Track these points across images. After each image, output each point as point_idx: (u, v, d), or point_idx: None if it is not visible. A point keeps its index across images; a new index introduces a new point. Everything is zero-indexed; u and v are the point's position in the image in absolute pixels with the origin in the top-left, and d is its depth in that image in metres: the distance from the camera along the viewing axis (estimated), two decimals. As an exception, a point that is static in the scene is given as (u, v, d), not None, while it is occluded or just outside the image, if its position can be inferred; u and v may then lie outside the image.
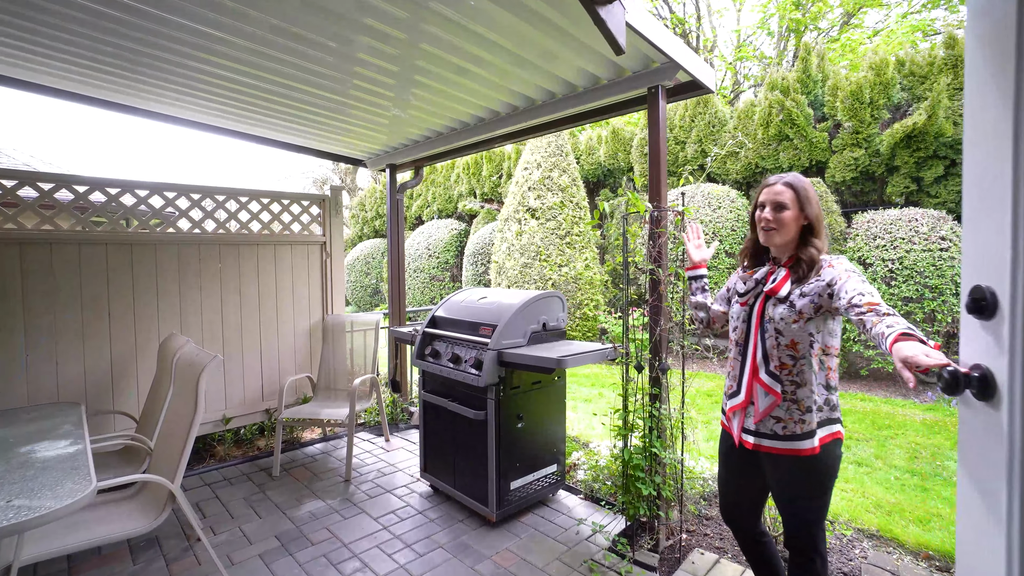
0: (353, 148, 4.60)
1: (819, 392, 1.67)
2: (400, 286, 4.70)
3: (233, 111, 3.66)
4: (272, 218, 4.36)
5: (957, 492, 1.06)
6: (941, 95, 6.14)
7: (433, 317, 3.38)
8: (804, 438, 1.67)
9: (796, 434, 1.67)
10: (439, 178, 14.43)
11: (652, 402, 2.60)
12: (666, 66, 2.52)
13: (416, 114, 3.60)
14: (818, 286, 1.63)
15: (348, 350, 4.40)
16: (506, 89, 3.07)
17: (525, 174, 8.73)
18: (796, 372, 1.67)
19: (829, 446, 1.67)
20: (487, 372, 2.74)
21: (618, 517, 2.94)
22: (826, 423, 1.68)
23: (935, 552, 2.71)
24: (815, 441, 1.65)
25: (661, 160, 2.56)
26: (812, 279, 1.65)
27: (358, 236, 17.51)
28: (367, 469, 3.71)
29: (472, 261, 10.77)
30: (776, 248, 1.76)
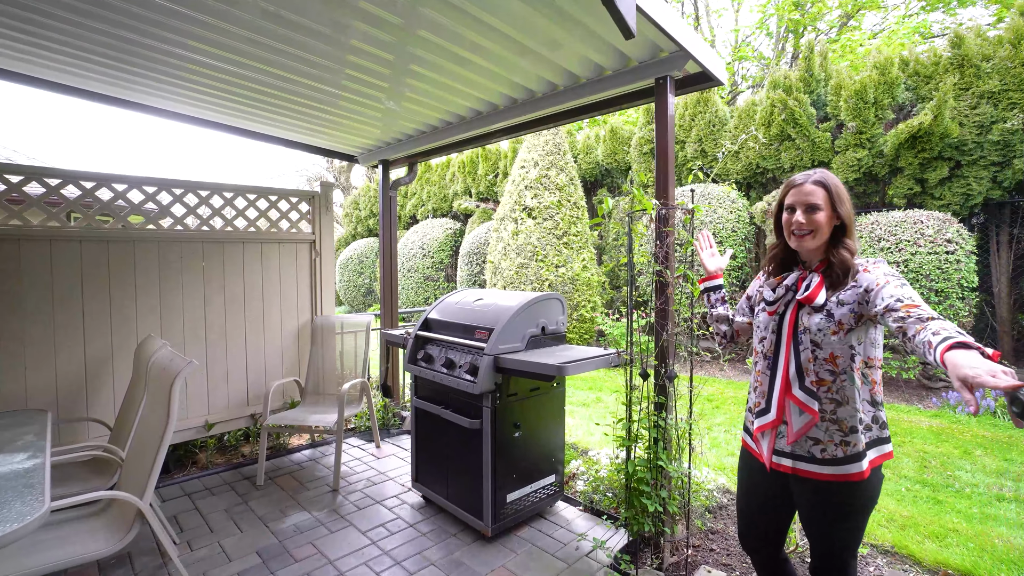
0: (345, 143, 4.43)
1: (864, 409, 1.52)
2: (392, 286, 4.54)
3: (222, 103, 3.49)
4: (259, 215, 4.19)
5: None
6: (947, 95, 6.04)
7: (426, 319, 3.21)
8: (849, 461, 1.50)
9: (838, 458, 1.51)
10: (434, 176, 14.25)
11: (658, 411, 2.45)
12: (675, 55, 2.37)
13: (411, 107, 3.44)
14: (855, 293, 1.48)
15: (338, 353, 4.23)
16: (506, 80, 2.91)
17: (522, 172, 8.58)
18: (836, 389, 1.51)
19: (877, 469, 1.52)
20: (483, 379, 2.58)
21: (620, 531, 2.79)
22: (876, 443, 1.53)
23: (955, 571, 2.58)
24: (863, 464, 1.49)
25: (669, 156, 2.41)
26: (849, 285, 1.50)
27: (351, 235, 17.29)
28: (356, 478, 3.55)
29: (467, 261, 10.61)
30: (808, 252, 1.60)
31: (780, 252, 1.69)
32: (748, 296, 1.87)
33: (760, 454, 1.68)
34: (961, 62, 6.31)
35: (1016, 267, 6.47)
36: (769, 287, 1.69)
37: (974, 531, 2.95)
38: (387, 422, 4.50)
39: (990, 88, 6.15)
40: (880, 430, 1.54)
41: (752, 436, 1.73)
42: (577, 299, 8.01)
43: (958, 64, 6.33)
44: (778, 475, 1.64)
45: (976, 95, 6.21)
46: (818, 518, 1.57)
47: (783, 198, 1.63)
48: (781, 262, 1.69)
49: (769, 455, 1.63)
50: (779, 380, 1.59)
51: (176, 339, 3.68)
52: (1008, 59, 6.14)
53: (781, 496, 1.69)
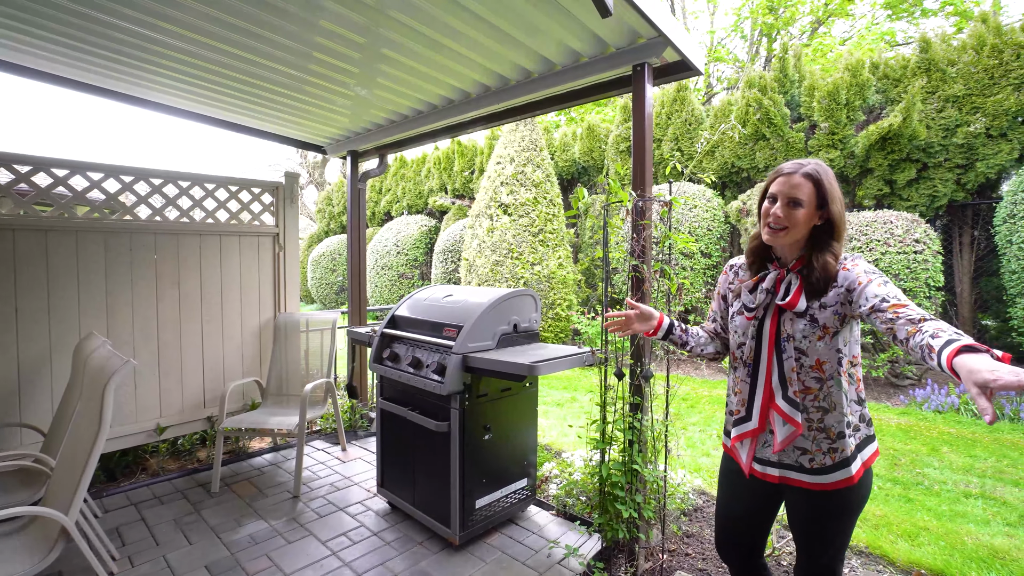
0: (313, 132, 4.22)
1: (852, 411, 1.45)
2: (360, 282, 4.35)
3: (180, 86, 3.26)
4: (218, 206, 3.95)
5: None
6: (916, 97, 6.15)
7: (394, 316, 3.06)
8: (838, 468, 1.42)
9: (827, 466, 1.43)
10: (409, 173, 14.00)
11: (633, 412, 2.36)
12: (653, 42, 2.27)
13: (382, 94, 3.27)
14: (837, 293, 1.39)
15: (302, 352, 4.04)
16: (480, 67, 2.78)
17: (498, 168, 8.44)
18: (823, 396, 1.43)
19: (868, 470, 1.47)
20: (451, 378, 2.45)
21: (593, 537, 2.70)
22: (865, 443, 1.47)
23: (927, 571, 2.56)
24: (853, 469, 1.42)
25: (646, 147, 2.31)
26: (831, 293, 1.40)
27: (324, 231, 16.88)
28: (319, 483, 3.37)
29: (442, 258, 10.43)
30: (782, 249, 1.49)
31: (758, 244, 1.55)
32: (722, 296, 1.73)
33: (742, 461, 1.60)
34: (928, 66, 6.45)
35: (977, 268, 6.66)
36: (746, 289, 1.56)
37: (944, 529, 2.96)
38: (354, 424, 4.32)
39: (955, 92, 6.30)
40: (867, 428, 1.49)
41: (732, 442, 1.63)
42: (553, 297, 7.93)
43: (925, 68, 6.47)
44: (760, 483, 1.57)
45: (942, 99, 6.36)
46: (810, 526, 1.50)
47: (768, 185, 1.49)
48: (758, 253, 1.56)
49: (749, 462, 1.55)
50: (761, 389, 1.50)
51: (124, 338, 3.43)
52: (971, 64, 6.30)
53: (764, 502, 1.61)
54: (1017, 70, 6.05)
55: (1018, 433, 4.75)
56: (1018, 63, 6.06)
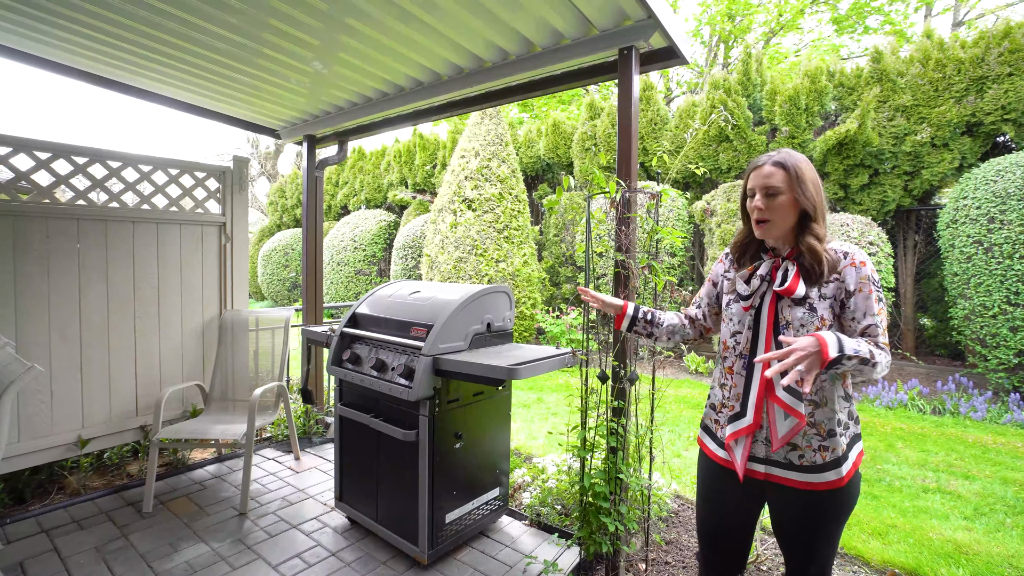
0: (265, 113, 3.86)
1: (841, 407, 1.41)
2: (316, 277, 4.04)
3: (113, 53, 2.87)
4: (155, 190, 3.55)
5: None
6: (870, 105, 6.38)
7: (354, 314, 2.80)
8: (829, 468, 1.38)
9: (817, 464, 1.38)
10: (368, 166, 13.50)
11: (616, 417, 2.22)
12: (642, 24, 2.14)
13: (344, 71, 2.99)
14: (838, 287, 1.38)
15: (251, 353, 3.69)
16: (454, 44, 2.56)
17: (462, 162, 8.20)
18: (816, 390, 1.39)
19: (857, 472, 1.43)
20: (420, 383, 2.23)
21: (571, 549, 2.55)
22: (854, 441, 1.44)
23: (900, 569, 2.57)
24: (844, 470, 1.38)
25: (632, 137, 2.18)
26: (832, 278, 1.38)
27: (276, 225, 16.08)
28: (270, 497, 3.06)
29: (402, 254, 10.08)
30: (774, 241, 1.46)
31: (744, 239, 1.54)
32: (713, 282, 1.68)
33: (729, 461, 1.50)
34: (880, 76, 6.71)
35: (919, 271, 7.02)
36: (741, 279, 1.50)
37: (911, 526, 3.00)
38: (309, 430, 4.01)
39: (904, 102, 6.58)
40: (855, 425, 1.46)
41: (717, 441, 1.54)
42: (517, 295, 7.78)
43: (877, 78, 6.73)
44: (749, 482, 1.48)
45: (892, 108, 6.63)
46: (798, 529, 1.45)
47: (746, 182, 1.49)
48: (745, 249, 1.54)
49: (743, 463, 1.44)
50: (756, 381, 1.42)
51: (37, 339, 3.00)
52: (918, 76, 6.60)
53: (749, 505, 1.54)
54: (958, 84, 6.39)
55: (959, 427, 4.98)
56: (959, 77, 6.39)
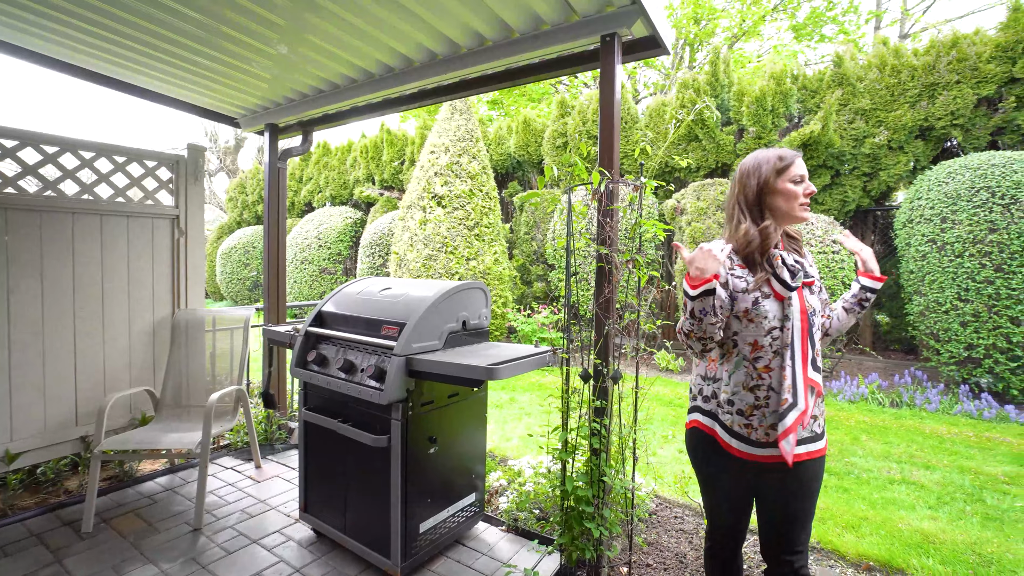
0: (224, 100, 3.60)
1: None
2: (279, 275, 3.82)
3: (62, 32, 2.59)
4: (98, 179, 3.26)
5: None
6: (832, 108, 6.57)
7: (320, 313, 2.64)
8: (824, 433, 1.59)
9: (823, 428, 1.58)
10: (333, 161, 13.10)
11: (598, 417, 2.14)
12: (625, 11, 2.06)
13: (311, 55, 2.79)
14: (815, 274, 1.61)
15: (208, 354, 3.45)
16: (428, 27, 2.42)
17: (432, 158, 8.03)
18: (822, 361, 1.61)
19: None
20: (392, 385, 2.10)
21: (552, 555, 2.46)
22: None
23: (875, 562, 2.59)
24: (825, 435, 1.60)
25: (615, 126, 2.11)
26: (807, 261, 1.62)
27: (236, 222, 15.43)
28: (228, 510, 2.85)
29: (369, 252, 9.81)
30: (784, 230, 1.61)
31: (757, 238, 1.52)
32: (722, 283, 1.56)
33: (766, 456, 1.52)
34: (841, 80, 6.93)
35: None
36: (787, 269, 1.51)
37: (881, 518, 3.05)
38: (270, 437, 3.79)
39: (863, 106, 6.81)
40: None
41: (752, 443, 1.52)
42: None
43: (839, 81, 6.94)
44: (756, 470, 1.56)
45: (852, 111, 6.85)
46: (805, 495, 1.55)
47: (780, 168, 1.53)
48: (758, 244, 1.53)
49: (792, 449, 1.46)
50: (800, 368, 1.49)
51: (-40, 340, 2.70)
52: (876, 81, 6.84)
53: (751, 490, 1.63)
54: (912, 89, 6.65)
55: (916, 419, 5.17)
56: (912, 83, 6.66)
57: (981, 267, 5.49)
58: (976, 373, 5.64)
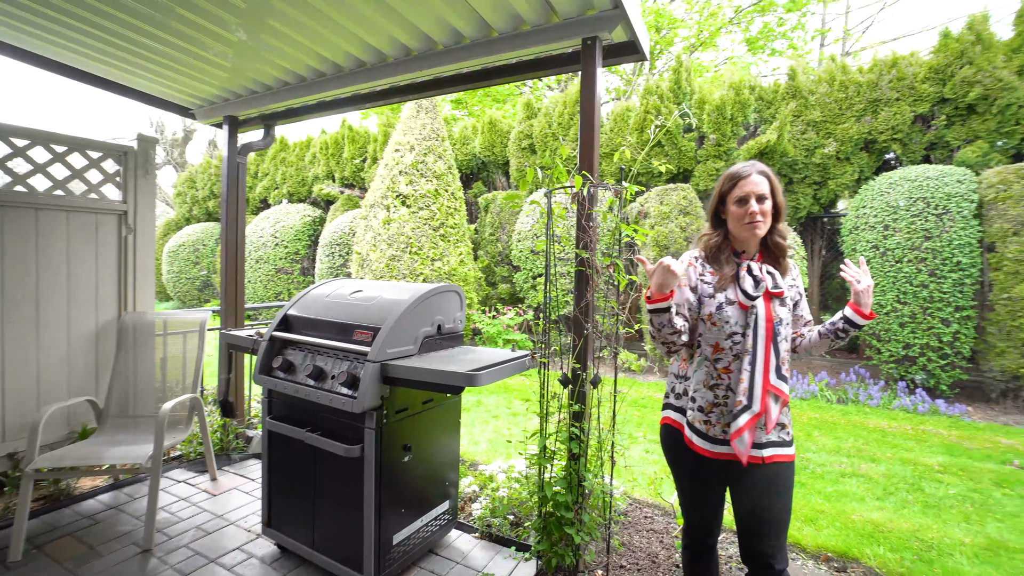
0: (179, 88, 3.36)
1: None
2: (238, 276, 3.62)
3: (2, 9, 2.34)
4: (33, 169, 2.99)
5: None
6: (787, 119, 6.88)
7: (285, 317, 2.51)
8: (793, 442, 1.64)
9: (792, 438, 1.63)
10: (291, 157, 12.64)
11: (577, 421, 2.14)
12: (607, 14, 2.07)
13: (275, 44, 2.64)
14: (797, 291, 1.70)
15: (158, 360, 3.23)
16: (403, 21, 2.35)
17: (396, 156, 7.87)
18: (788, 371, 1.63)
19: None
20: (366, 392, 2.02)
21: (528, 561, 2.43)
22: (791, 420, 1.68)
23: (833, 553, 2.71)
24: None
25: (595, 129, 2.11)
26: (791, 283, 1.69)
27: (185, 218, 14.63)
28: (181, 527, 2.67)
29: (328, 252, 9.51)
30: (753, 241, 1.66)
31: (719, 241, 1.69)
32: (692, 288, 1.70)
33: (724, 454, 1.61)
34: (795, 92, 7.27)
35: (822, 272, 7.70)
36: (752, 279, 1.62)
37: (836, 510, 3.20)
38: (226, 446, 3.58)
39: (814, 118, 7.17)
40: None
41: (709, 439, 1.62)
42: (455, 295, 7.58)
43: (792, 94, 7.28)
44: (720, 467, 1.64)
45: (804, 122, 7.21)
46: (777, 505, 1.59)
47: (727, 189, 1.66)
48: (719, 252, 1.69)
49: (747, 451, 1.56)
50: (760, 373, 1.56)
51: None
52: (826, 95, 7.22)
53: (721, 487, 1.70)
54: (858, 104, 7.06)
55: (861, 415, 5.49)
56: (858, 98, 7.07)
57: (918, 272, 5.88)
58: (912, 370, 6.04)
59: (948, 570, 2.59)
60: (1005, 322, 5.53)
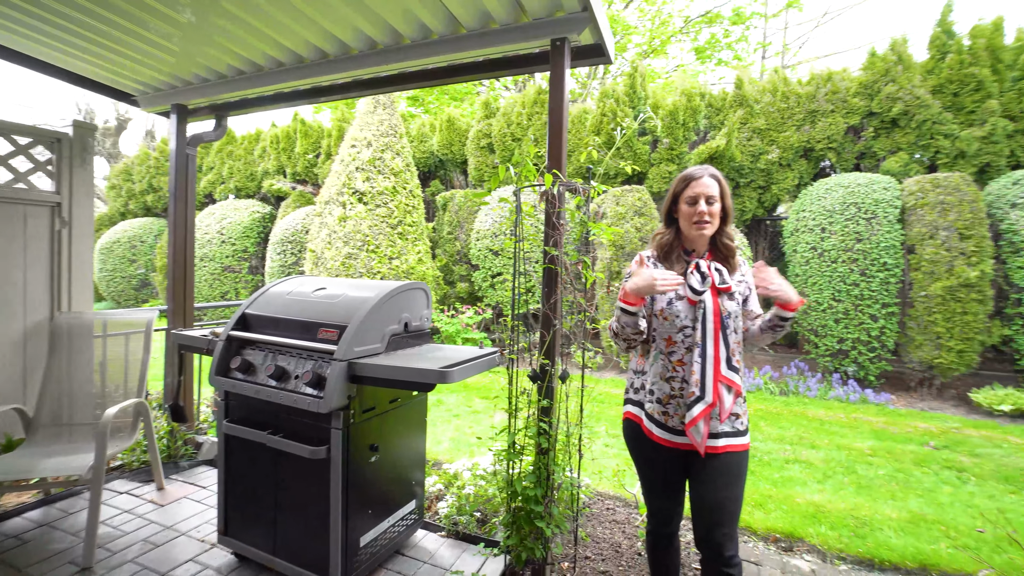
0: (119, 72, 3.11)
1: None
2: (187, 275, 3.43)
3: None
4: (-52, 157, 2.72)
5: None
6: (735, 125, 7.23)
7: (243, 316, 2.41)
8: (748, 431, 1.72)
9: (746, 426, 1.71)
10: (238, 150, 12.07)
11: (545, 416, 2.18)
12: (575, 16, 2.11)
13: (230, 27, 2.50)
14: (746, 287, 1.78)
15: (97, 364, 3.02)
16: (370, 13, 2.29)
17: (353, 152, 7.68)
18: (741, 364, 1.72)
19: None
20: (333, 392, 1.97)
21: (497, 558, 2.45)
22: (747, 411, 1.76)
23: (780, 534, 2.89)
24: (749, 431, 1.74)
25: (563, 129, 2.15)
26: (739, 279, 1.77)
27: (120, 213, 13.66)
28: (126, 542, 2.51)
29: (280, 250, 9.16)
30: (702, 240, 1.75)
31: (671, 239, 1.79)
32: None
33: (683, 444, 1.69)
34: (742, 100, 7.65)
35: (768, 272, 8.13)
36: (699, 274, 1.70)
37: (782, 495, 3.41)
38: (174, 453, 3.39)
39: (760, 125, 7.58)
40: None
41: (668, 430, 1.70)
42: (414, 294, 7.48)
43: (740, 102, 7.66)
44: (679, 456, 1.72)
45: (751, 130, 7.60)
46: (732, 486, 1.66)
47: (680, 190, 1.75)
48: (670, 250, 1.78)
49: (704, 441, 1.64)
50: (711, 364, 1.64)
51: None
52: (770, 105, 7.65)
53: (679, 477, 1.76)
54: (798, 114, 7.53)
55: (801, 405, 5.86)
56: (799, 108, 7.54)
57: (850, 271, 6.34)
58: (845, 363, 6.51)
59: (879, 542, 2.82)
60: (922, 317, 6.05)
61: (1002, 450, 4.51)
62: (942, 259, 5.88)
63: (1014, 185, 6.11)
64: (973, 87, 6.65)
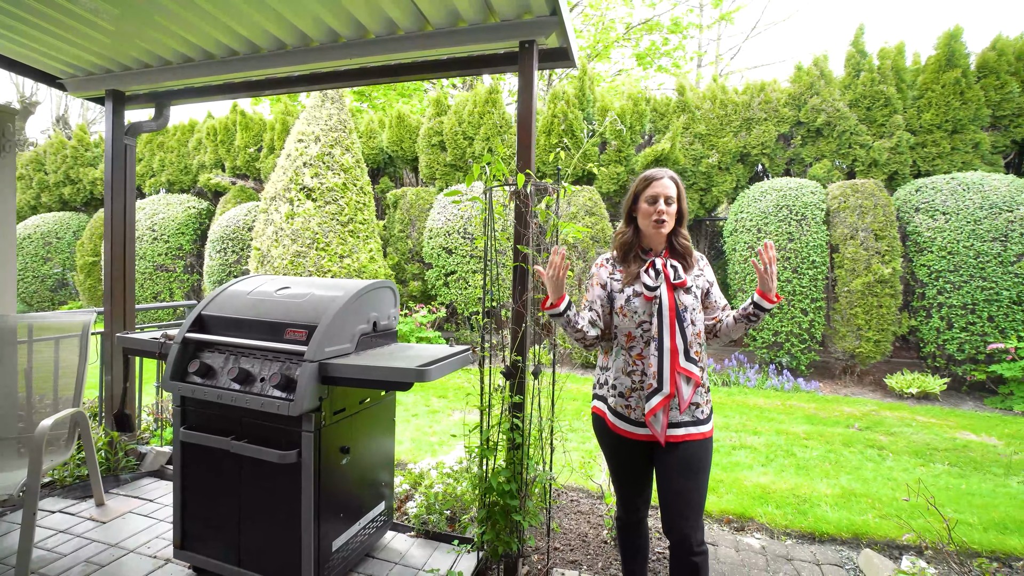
0: (42, 52, 2.78)
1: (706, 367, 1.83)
2: (126, 274, 3.18)
3: None
4: None
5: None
6: (678, 130, 7.58)
7: (200, 317, 2.29)
8: (709, 419, 1.78)
9: (707, 415, 1.78)
10: (171, 142, 11.28)
11: (519, 412, 2.22)
12: (543, 20, 2.16)
13: (176, 9, 2.29)
14: (705, 281, 1.85)
15: (22, 372, 2.75)
16: (334, 3, 2.22)
17: (300, 147, 7.39)
18: (701, 356, 1.78)
19: None
20: (304, 394, 1.92)
21: (470, 553, 2.47)
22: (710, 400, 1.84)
23: (733, 516, 3.09)
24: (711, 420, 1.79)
25: (532, 128, 2.20)
26: (697, 273, 1.84)
27: (31, 206, 12.40)
28: (64, 564, 2.31)
29: (220, 247, 8.66)
30: (659, 239, 1.82)
31: (630, 237, 1.87)
32: (601, 285, 1.88)
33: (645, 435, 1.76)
34: (684, 106, 8.03)
35: (709, 270, 8.60)
36: (629, 275, 1.80)
37: (731, 479, 3.64)
38: (113, 466, 3.15)
39: (701, 131, 7.99)
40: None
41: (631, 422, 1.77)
42: (366, 294, 7.30)
43: (682, 108, 8.04)
44: (643, 447, 1.79)
45: (693, 135, 8.00)
46: (693, 479, 1.73)
47: (641, 189, 1.82)
48: (629, 249, 1.86)
49: (664, 431, 1.71)
50: (668, 356, 1.70)
51: None
52: (710, 112, 8.08)
53: (644, 466, 1.84)
54: (735, 121, 8.00)
55: (743, 395, 6.25)
56: (736, 116, 8.01)
57: (784, 269, 6.82)
58: (780, 355, 7.00)
59: (818, 517, 3.08)
60: (846, 311, 6.63)
61: (912, 428, 5.03)
62: (861, 257, 6.46)
63: (917, 192, 6.82)
64: (882, 103, 7.36)
